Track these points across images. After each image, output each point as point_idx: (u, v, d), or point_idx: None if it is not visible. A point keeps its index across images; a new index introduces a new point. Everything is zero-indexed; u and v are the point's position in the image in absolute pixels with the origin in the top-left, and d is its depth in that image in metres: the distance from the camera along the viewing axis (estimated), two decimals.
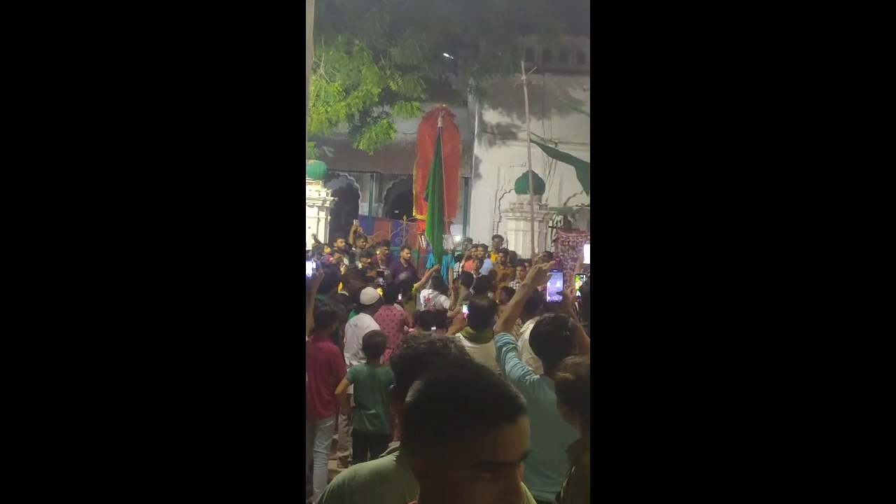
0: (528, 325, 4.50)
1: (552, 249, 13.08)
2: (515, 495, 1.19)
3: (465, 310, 5.69)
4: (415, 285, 10.13)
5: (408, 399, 1.26)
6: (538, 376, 3.47)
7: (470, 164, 19.13)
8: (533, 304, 4.98)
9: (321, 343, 5.71)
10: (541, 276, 3.89)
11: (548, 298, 4.21)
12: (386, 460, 1.93)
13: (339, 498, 1.89)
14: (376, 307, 7.18)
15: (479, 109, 18.40)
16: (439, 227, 11.80)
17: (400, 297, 8.12)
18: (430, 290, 8.48)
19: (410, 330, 7.17)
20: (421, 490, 1.24)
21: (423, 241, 13.04)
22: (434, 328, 6.80)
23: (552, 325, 3.49)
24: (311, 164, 14.33)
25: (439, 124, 12.74)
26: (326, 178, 16.90)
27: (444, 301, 8.21)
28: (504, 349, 3.62)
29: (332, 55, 15.58)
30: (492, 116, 18.35)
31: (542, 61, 17.56)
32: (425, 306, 7.75)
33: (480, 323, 5.09)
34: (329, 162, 16.91)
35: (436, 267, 11.22)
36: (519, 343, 4.21)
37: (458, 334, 5.14)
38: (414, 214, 13.79)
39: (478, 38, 17.06)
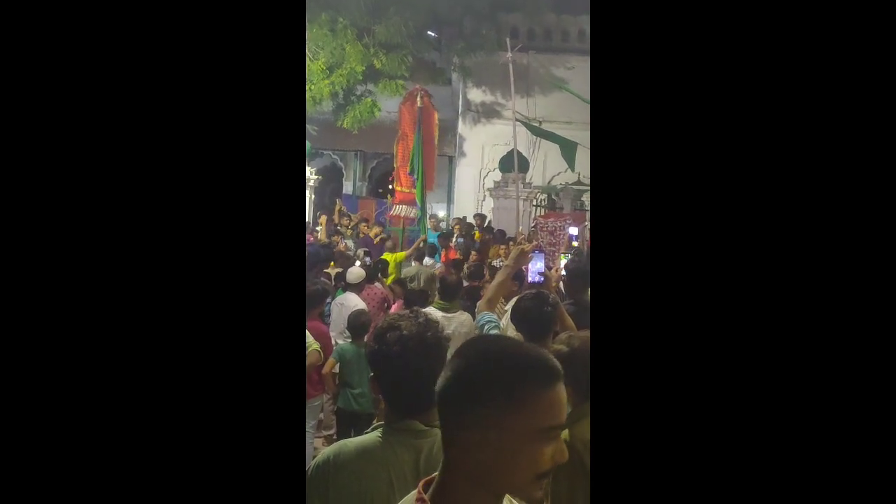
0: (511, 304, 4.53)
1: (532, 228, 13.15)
2: (563, 454, 1.23)
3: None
4: (401, 253, 10.29)
5: (447, 379, 1.28)
6: None
7: (454, 142, 19.07)
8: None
9: (310, 322, 5.72)
10: (522, 258, 3.93)
11: (529, 279, 4.24)
12: (371, 437, 1.95)
13: (324, 474, 1.91)
14: (362, 286, 7.21)
15: (464, 88, 18.32)
16: (424, 197, 12.78)
17: (378, 276, 8.20)
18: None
19: (393, 308, 7.20)
20: (465, 463, 1.25)
21: (401, 211, 13.31)
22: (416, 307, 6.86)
23: (534, 301, 3.52)
24: None
25: (418, 104, 13.32)
26: (310, 157, 16.81)
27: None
28: (486, 328, 3.65)
29: (316, 33, 15.44)
30: (476, 95, 18.26)
31: (526, 39, 17.49)
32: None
33: (450, 295, 5.60)
34: (313, 140, 16.79)
35: (422, 238, 11.64)
36: (503, 322, 4.24)
37: (430, 307, 5.37)
38: (395, 186, 14.02)
39: (462, 16, 16.95)
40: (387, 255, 11.02)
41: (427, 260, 11.05)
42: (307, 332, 4.68)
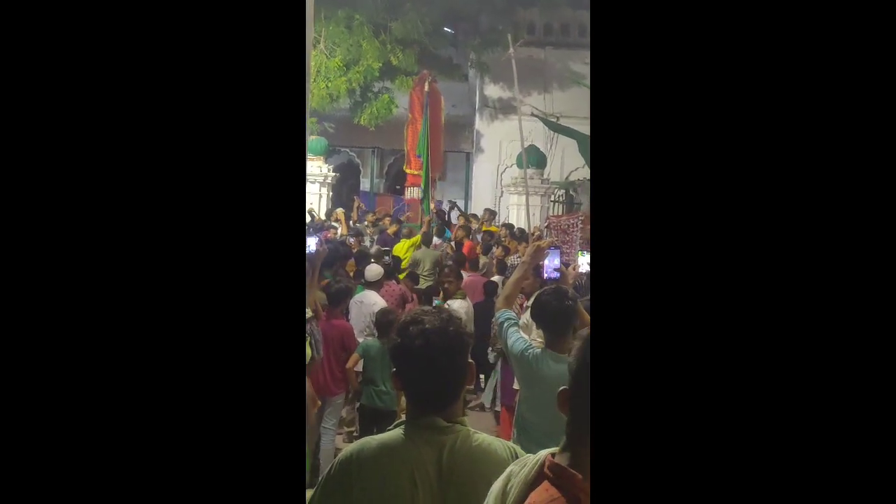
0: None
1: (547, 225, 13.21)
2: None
3: None
4: (415, 237, 10.53)
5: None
6: (540, 349, 3.49)
7: (471, 138, 19.06)
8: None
9: (335, 321, 5.73)
10: (539, 254, 3.93)
11: (545, 275, 4.24)
12: (394, 434, 1.95)
13: (347, 471, 1.91)
14: (381, 283, 7.22)
15: (480, 84, 18.30)
16: (429, 181, 13.18)
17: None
18: None
19: (409, 305, 7.22)
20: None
21: (413, 193, 13.73)
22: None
23: (553, 296, 3.49)
24: (312, 140, 14.29)
25: (426, 89, 13.54)
26: (328, 154, 16.84)
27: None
28: (505, 325, 3.64)
29: (333, 30, 15.48)
30: (493, 91, 18.24)
31: (543, 35, 17.45)
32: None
33: None
34: (330, 138, 16.83)
35: (427, 219, 12.05)
36: (523, 318, 4.23)
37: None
38: (404, 169, 14.24)
39: (478, 12, 16.93)
40: (400, 243, 11.18)
41: (435, 239, 11.47)
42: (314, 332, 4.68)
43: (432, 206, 13.58)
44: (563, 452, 1.40)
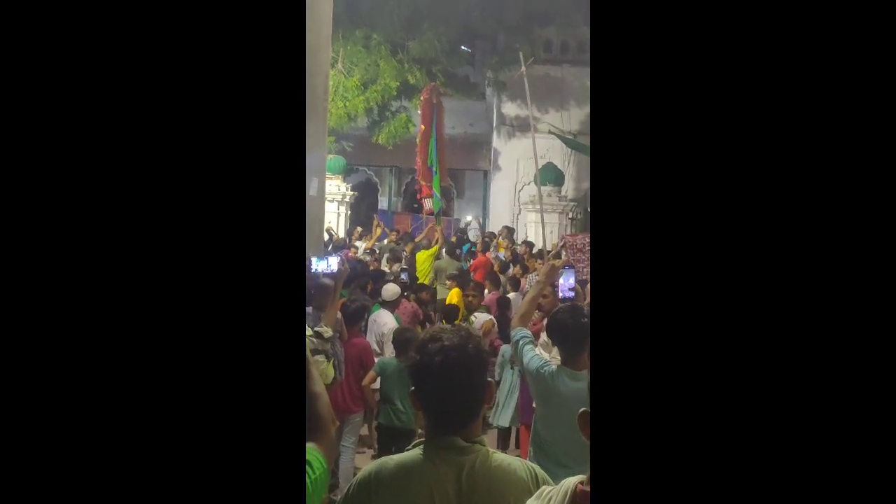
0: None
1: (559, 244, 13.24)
2: None
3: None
4: (433, 248, 10.71)
5: None
6: (556, 367, 3.49)
7: (489, 156, 19.09)
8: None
9: (353, 339, 5.75)
10: (554, 273, 3.94)
11: (560, 295, 4.24)
12: (413, 454, 1.94)
13: (366, 491, 1.90)
14: (397, 303, 7.23)
15: (498, 102, 18.35)
16: (440, 187, 13.65)
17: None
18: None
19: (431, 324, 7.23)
20: None
21: (428, 205, 13.89)
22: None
23: (569, 314, 3.50)
24: (330, 158, 14.35)
25: (434, 101, 13.88)
26: (346, 173, 16.92)
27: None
28: (521, 342, 3.66)
29: (350, 49, 15.57)
30: (510, 109, 18.28)
31: (560, 52, 17.49)
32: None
33: None
34: (348, 156, 16.92)
35: (439, 228, 12.54)
36: (543, 337, 4.23)
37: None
38: (418, 179, 14.35)
39: (495, 31, 17.00)
40: (419, 253, 11.30)
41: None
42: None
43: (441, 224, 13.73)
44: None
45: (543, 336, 4.33)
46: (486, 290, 8.70)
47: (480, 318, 6.92)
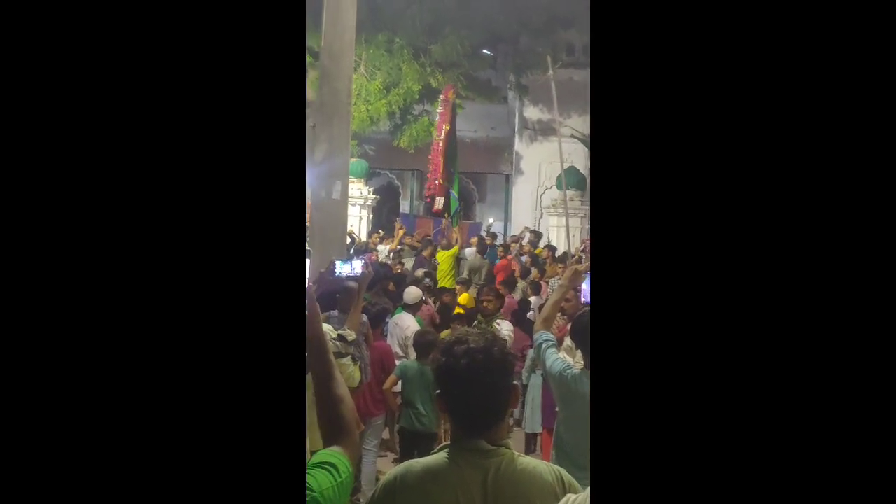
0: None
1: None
2: None
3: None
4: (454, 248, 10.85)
5: None
6: (579, 370, 3.50)
7: (510, 160, 19.09)
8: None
9: (374, 342, 5.76)
10: (577, 277, 3.94)
11: (583, 299, 4.24)
12: (438, 457, 1.93)
13: (391, 495, 1.90)
14: (419, 306, 7.23)
15: (520, 106, 18.34)
16: (457, 186, 13.91)
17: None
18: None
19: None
20: None
21: (439, 203, 14.01)
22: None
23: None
24: (353, 162, 14.41)
25: (450, 99, 14.19)
26: (368, 177, 16.96)
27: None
28: (544, 346, 3.66)
29: (373, 53, 15.63)
30: (532, 112, 18.27)
31: (582, 55, 17.44)
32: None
33: None
34: (370, 160, 16.97)
35: (456, 229, 12.75)
36: (567, 341, 4.23)
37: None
38: (437, 179, 14.49)
39: (518, 34, 16.98)
40: (439, 254, 11.36)
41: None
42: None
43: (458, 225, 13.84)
44: None
45: (567, 340, 4.32)
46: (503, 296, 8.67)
47: (504, 326, 6.89)
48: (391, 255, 12.00)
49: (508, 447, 1.94)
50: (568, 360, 3.71)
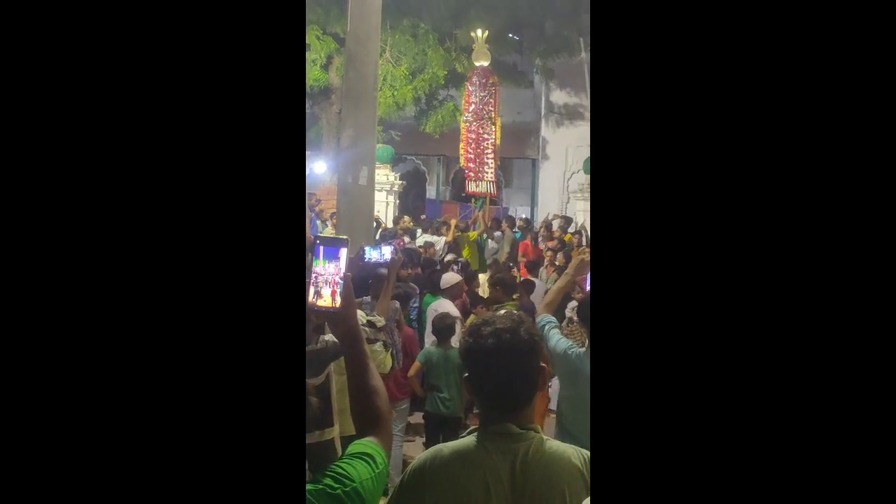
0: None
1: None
2: None
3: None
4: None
5: None
6: (583, 349, 3.56)
7: (537, 145, 19.01)
8: None
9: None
10: (583, 266, 3.95)
11: (588, 287, 4.26)
12: (467, 441, 1.94)
13: (421, 479, 1.91)
14: (456, 291, 7.19)
15: (546, 90, 18.24)
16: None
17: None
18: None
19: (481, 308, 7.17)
20: None
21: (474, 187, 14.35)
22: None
23: None
24: (379, 147, 14.43)
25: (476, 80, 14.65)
26: (394, 162, 16.97)
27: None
28: (546, 327, 3.72)
29: (398, 39, 15.61)
30: (558, 97, 18.18)
31: None
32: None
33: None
34: (396, 146, 16.96)
35: (481, 213, 12.95)
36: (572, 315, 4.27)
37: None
38: (461, 158, 14.65)
39: (543, 19, 16.88)
40: (469, 233, 11.44)
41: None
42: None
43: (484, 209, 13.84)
44: None
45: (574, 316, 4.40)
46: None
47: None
48: (446, 247, 11.94)
49: (537, 430, 1.94)
50: (570, 340, 3.82)
